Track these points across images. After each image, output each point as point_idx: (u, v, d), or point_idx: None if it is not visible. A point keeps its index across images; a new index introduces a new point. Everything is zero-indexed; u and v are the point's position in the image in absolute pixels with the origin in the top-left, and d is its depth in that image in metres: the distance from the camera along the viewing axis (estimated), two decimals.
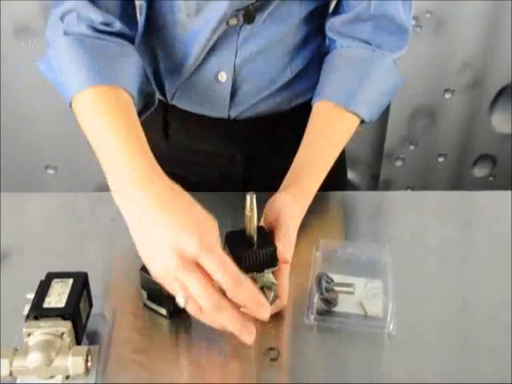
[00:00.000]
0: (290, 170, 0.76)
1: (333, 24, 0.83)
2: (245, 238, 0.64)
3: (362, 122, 0.82)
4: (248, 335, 0.58)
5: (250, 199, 0.62)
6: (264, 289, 0.64)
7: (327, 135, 0.80)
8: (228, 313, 0.57)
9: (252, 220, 0.63)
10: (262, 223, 0.68)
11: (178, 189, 0.63)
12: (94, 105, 0.69)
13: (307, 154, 0.77)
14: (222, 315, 0.57)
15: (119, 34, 0.76)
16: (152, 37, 0.87)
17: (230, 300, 0.57)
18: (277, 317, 0.67)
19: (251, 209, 0.62)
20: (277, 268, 0.65)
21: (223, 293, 0.57)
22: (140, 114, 0.79)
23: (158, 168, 0.64)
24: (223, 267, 0.57)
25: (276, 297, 0.65)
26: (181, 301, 0.58)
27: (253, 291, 0.58)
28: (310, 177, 0.75)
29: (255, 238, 0.64)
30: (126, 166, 0.63)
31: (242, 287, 0.57)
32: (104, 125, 0.67)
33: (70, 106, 0.73)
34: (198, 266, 0.57)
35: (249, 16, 0.77)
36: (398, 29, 0.82)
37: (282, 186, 0.74)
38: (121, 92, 0.71)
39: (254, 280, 0.63)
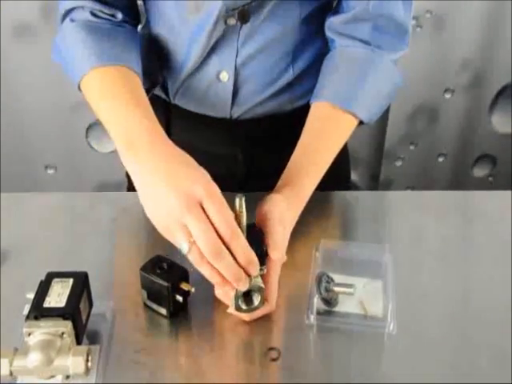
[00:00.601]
0: (286, 170, 0.76)
1: (332, 23, 0.83)
2: None
3: (361, 122, 0.82)
4: (242, 286, 0.61)
5: (239, 201, 0.62)
6: (251, 292, 0.64)
7: (324, 136, 0.80)
8: (227, 260, 0.59)
9: (241, 221, 0.63)
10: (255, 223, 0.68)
11: (180, 150, 0.66)
12: (101, 84, 0.73)
13: (303, 154, 0.77)
14: (222, 262, 0.59)
15: (122, 22, 0.81)
16: (154, 35, 0.87)
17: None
18: (277, 317, 0.67)
19: (240, 211, 0.63)
20: (264, 271, 0.64)
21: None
22: (147, 92, 0.81)
23: (162, 133, 0.68)
24: (224, 215, 0.59)
25: (264, 301, 0.65)
26: (184, 248, 0.59)
27: (247, 246, 0.60)
28: (306, 177, 0.75)
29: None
30: (128, 131, 0.67)
31: (239, 238, 0.60)
32: (114, 102, 0.70)
33: (79, 87, 0.76)
34: (203, 210, 0.59)
35: (243, 16, 0.77)
36: (398, 29, 0.82)
37: (277, 186, 0.74)
38: (126, 70, 0.74)
39: None
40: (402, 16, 0.80)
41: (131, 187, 1.05)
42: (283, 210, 0.69)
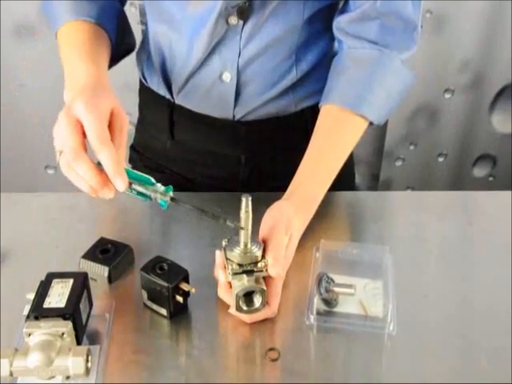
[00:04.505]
0: (296, 176, 0.75)
1: (339, 23, 0.82)
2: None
3: (371, 123, 0.82)
4: (107, 192, 0.63)
5: (246, 200, 0.62)
6: (252, 293, 0.64)
7: (334, 140, 0.79)
8: (85, 165, 0.61)
9: (247, 221, 0.63)
10: (260, 230, 0.68)
11: (102, 83, 0.70)
12: (68, 37, 0.78)
13: (313, 160, 0.77)
14: (79, 165, 0.61)
15: None
16: (159, 34, 0.87)
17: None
18: (277, 317, 0.67)
19: (246, 210, 0.63)
20: (266, 273, 0.64)
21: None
22: (122, 55, 0.89)
23: (100, 76, 0.71)
24: (95, 127, 0.61)
25: (265, 303, 0.65)
26: (57, 156, 0.64)
27: (115, 159, 0.61)
28: (316, 184, 0.75)
29: (249, 238, 0.64)
30: (72, 76, 0.72)
31: (107, 147, 0.61)
32: (70, 53, 0.75)
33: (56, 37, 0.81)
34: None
35: (242, 12, 0.77)
36: (406, 27, 0.80)
37: (287, 193, 0.74)
38: (95, 28, 0.79)
39: (244, 283, 0.63)
40: (410, 14, 0.79)
41: None
42: (290, 218, 0.69)
